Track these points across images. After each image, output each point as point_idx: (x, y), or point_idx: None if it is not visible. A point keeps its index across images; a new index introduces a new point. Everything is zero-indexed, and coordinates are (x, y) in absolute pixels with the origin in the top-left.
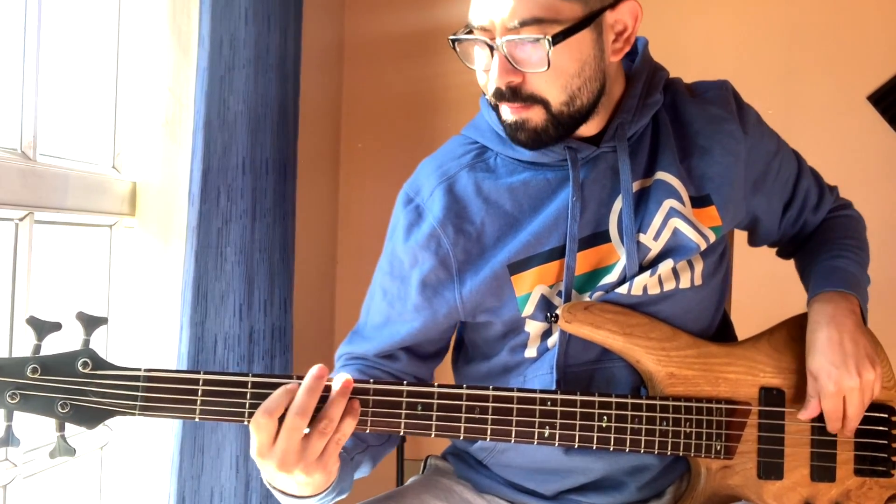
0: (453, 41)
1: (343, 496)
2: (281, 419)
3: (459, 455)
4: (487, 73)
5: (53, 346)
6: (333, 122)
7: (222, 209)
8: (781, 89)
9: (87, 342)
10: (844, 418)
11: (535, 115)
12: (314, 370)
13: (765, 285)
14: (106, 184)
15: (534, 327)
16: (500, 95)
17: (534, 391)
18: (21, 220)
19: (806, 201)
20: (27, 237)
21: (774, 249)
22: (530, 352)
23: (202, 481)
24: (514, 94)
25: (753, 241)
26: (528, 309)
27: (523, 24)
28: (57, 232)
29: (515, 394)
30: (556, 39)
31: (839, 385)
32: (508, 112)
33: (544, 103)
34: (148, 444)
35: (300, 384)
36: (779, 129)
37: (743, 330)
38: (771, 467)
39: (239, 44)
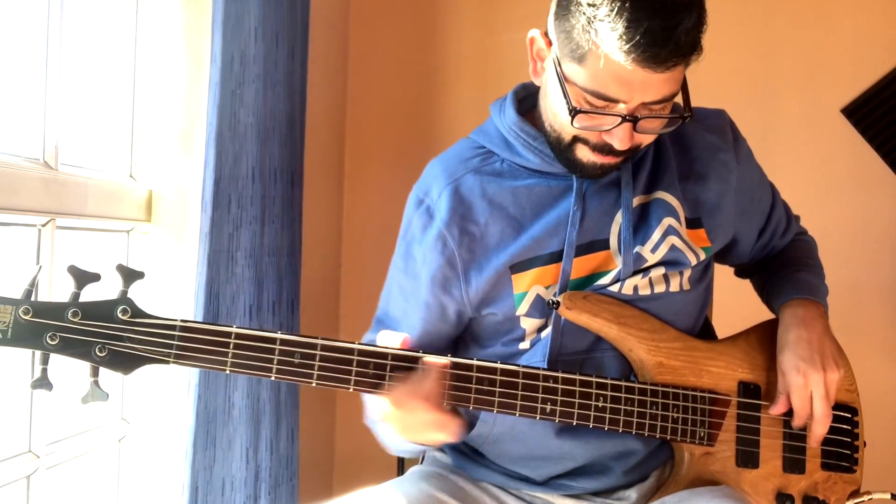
0: (575, 112)
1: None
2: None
3: (456, 447)
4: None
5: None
6: (338, 133)
7: (233, 215)
8: (759, 103)
9: (124, 293)
10: (812, 418)
11: (619, 160)
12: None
13: (743, 290)
14: (123, 192)
15: (529, 324)
16: (603, 150)
17: (537, 369)
18: (44, 225)
19: (776, 229)
20: (49, 242)
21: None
22: (524, 344)
23: (214, 472)
24: (620, 151)
25: (723, 260)
26: (523, 308)
27: (663, 100)
28: (77, 237)
29: (521, 369)
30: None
31: (807, 378)
32: (599, 159)
33: (634, 151)
34: (163, 436)
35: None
36: (757, 141)
37: (723, 330)
38: (748, 456)
39: (249, 60)
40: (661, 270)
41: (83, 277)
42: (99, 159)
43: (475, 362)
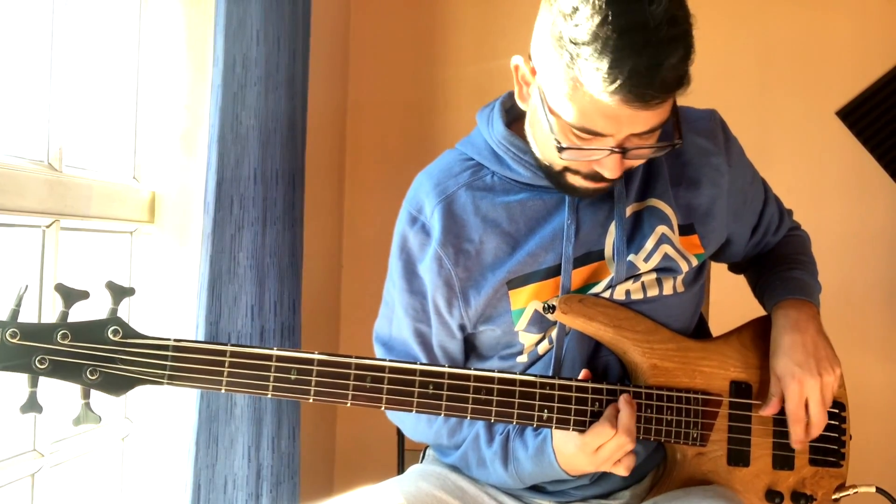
0: (562, 149)
1: None
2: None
3: None
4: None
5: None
6: (339, 135)
7: (235, 217)
8: (755, 106)
9: (114, 311)
10: (808, 423)
11: (612, 184)
12: (627, 398)
13: (739, 287)
14: (127, 193)
15: (528, 339)
16: (594, 178)
17: (535, 376)
18: (48, 227)
19: (769, 226)
20: (54, 243)
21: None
22: (522, 358)
23: (216, 470)
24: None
25: (716, 259)
26: (522, 323)
27: (652, 130)
28: (81, 238)
29: (518, 377)
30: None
31: (802, 384)
32: (590, 184)
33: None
34: (166, 435)
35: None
36: (753, 144)
37: (719, 327)
38: (739, 455)
39: (251, 63)
40: (653, 275)
41: (71, 295)
42: (102, 161)
43: (472, 372)
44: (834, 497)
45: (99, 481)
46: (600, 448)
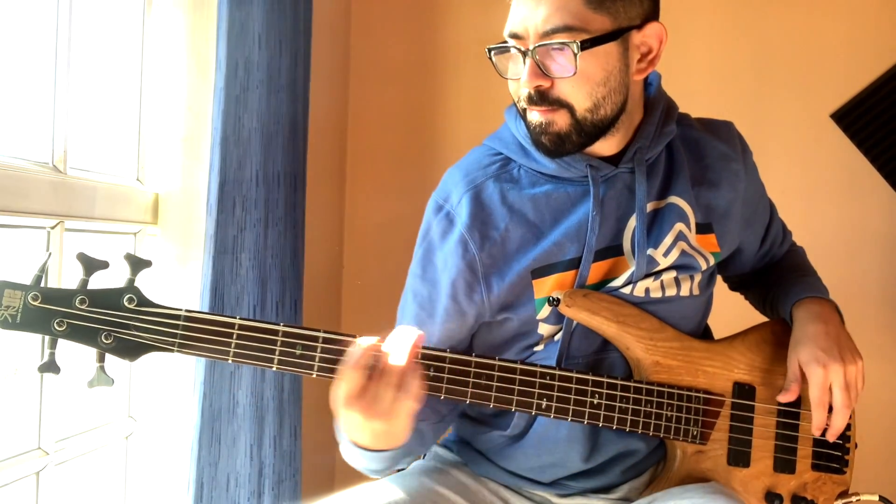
0: (490, 50)
1: (402, 466)
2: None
3: (463, 441)
4: (518, 82)
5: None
6: (340, 137)
7: (237, 218)
8: (750, 108)
9: (131, 281)
10: (830, 412)
11: (560, 119)
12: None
13: (737, 296)
14: (130, 195)
15: (546, 330)
16: (529, 100)
17: (535, 365)
18: (52, 228)
19: (775, 239)
20: (58, 244)
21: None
22: (538, 347)
23: (219, 468)
24: (541, 97)
25: (725, 270)
26: (543, 313)
27: (554, 30)
28: (85, 239)
29: (518, 366)
30: (584, 46)
31: (827, 369)
32: (535, 115)
33: (570, 108)
34: (169, 434)
35: (379, 343)
36: (749, 145)
37: (718, 333)
38: (739, 455)
39: (253, 66)
40: (673, 274)
41: (91, 265)
42: (106, 163)
43: (473, 358)
44: (836, 503)
45: (103, 479)
46: (364, 397)
